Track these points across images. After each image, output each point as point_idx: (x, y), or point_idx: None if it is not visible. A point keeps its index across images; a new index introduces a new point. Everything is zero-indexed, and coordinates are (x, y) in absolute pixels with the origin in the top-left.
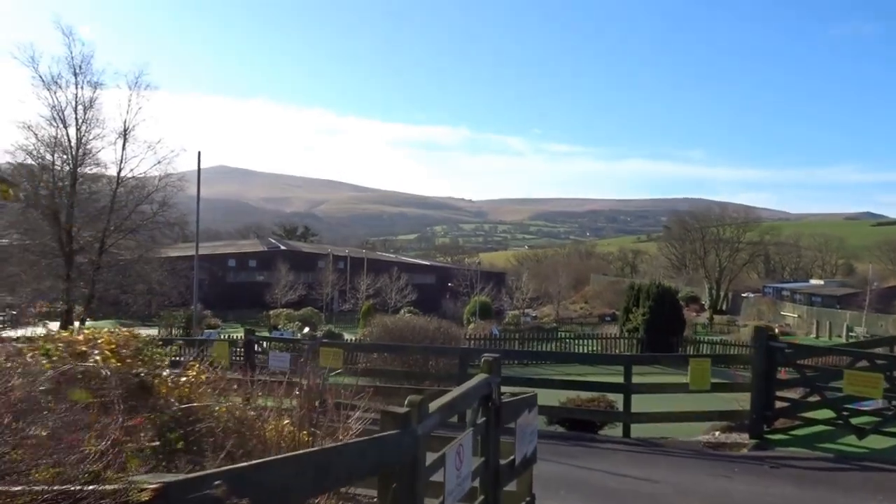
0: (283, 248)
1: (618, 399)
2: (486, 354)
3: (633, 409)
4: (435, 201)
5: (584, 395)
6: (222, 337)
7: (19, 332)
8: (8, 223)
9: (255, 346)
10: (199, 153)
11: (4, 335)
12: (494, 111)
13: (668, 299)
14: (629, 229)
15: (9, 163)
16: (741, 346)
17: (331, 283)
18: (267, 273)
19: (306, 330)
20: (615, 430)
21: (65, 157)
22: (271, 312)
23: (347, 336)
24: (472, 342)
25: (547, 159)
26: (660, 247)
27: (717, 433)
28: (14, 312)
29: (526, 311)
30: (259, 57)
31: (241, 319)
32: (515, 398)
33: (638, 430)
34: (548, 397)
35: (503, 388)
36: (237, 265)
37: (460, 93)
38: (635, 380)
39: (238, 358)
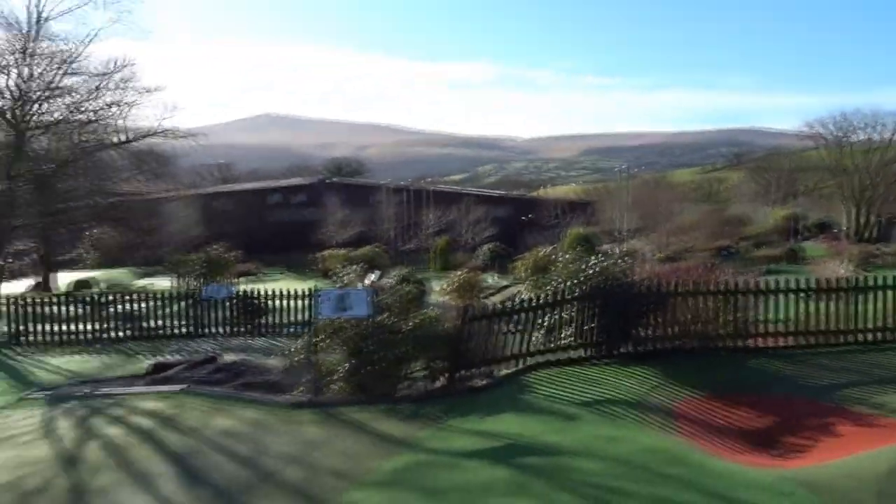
0: (332, 180)
1: None
2: None
3: None
4: (482, 141)
5: None
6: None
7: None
8: None
9: None
10: None
11: None
12: (518, 44)
13: None
14: (683, 162)
15: None
16: None
17: (391, 217)
18: (315, 210)
19: (373, 276)
20: None
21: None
22: (325, 254)
23: (437, 285)
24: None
25: (582, 93)
26: (741, 177)
27: None
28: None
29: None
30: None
31: (288, 264)
32: None
33: None
34: None
35: None
36: (282, 201)
37: (479, 26)
38: None
39: None
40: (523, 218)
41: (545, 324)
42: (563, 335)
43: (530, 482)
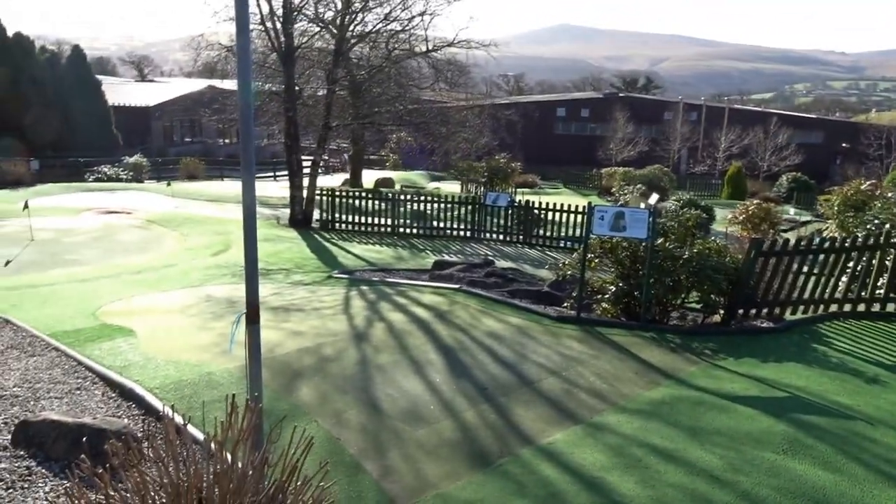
0: (621, 94)
1: None
2: None
3: None
4: (798, 55)
5: None
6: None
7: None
8: None
9: None
10: None
11: None
12: None
13: None
14: None
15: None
16: None
17: (680, 137)
18: (601, 125)
19: (653, 199)
20: None
21: None
22: (603, 171)
23: (724, 213)
24: None
25: None
26: None
27: None
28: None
29: None
30: None
31: (566, 178)
32: None
33: None
34: None
35: None
36: (567, 115)
37: None
38: None
39: None
40: (843, 145)
41: (852, 269)
42: (874, 284)
43: (814, 444)
